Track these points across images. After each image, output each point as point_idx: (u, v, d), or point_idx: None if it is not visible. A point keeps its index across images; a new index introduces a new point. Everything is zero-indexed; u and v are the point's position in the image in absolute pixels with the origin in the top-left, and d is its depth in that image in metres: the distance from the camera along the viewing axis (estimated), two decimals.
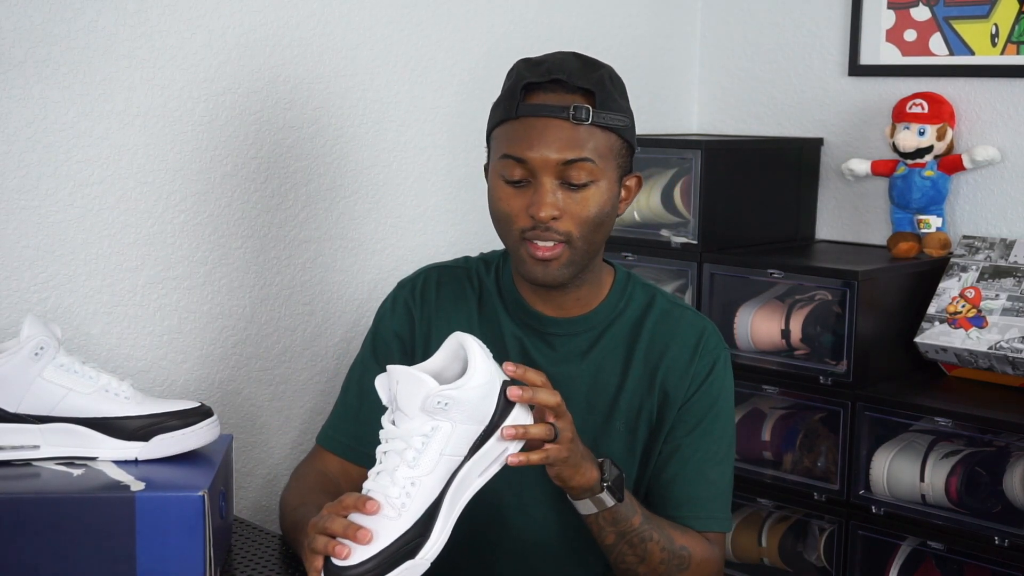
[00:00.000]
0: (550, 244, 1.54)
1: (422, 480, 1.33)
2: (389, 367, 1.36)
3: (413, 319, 1.71)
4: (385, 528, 1.32)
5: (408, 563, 1.32)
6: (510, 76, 1.59)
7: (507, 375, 1.39)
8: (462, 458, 1.36)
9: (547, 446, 1.39)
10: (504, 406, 1.38)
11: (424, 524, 1.34)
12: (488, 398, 1.36)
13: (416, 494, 1.33)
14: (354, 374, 1.75)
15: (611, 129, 1.55)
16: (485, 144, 1.65)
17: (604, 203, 1.55)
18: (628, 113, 1.58)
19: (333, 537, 1.31)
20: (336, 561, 1.30)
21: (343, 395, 1.76)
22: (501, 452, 1.38)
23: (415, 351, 1.70)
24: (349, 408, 1.73)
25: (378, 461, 1.36)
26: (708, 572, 1.62)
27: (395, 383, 1.35)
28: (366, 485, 1.35)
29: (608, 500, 1.47)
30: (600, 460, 1.48)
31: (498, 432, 1.37)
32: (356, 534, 1.30)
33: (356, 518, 1.32)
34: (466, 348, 1.38)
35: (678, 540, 1.58)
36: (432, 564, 1.71)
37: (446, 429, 1.34)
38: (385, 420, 1.37)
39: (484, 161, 1.68)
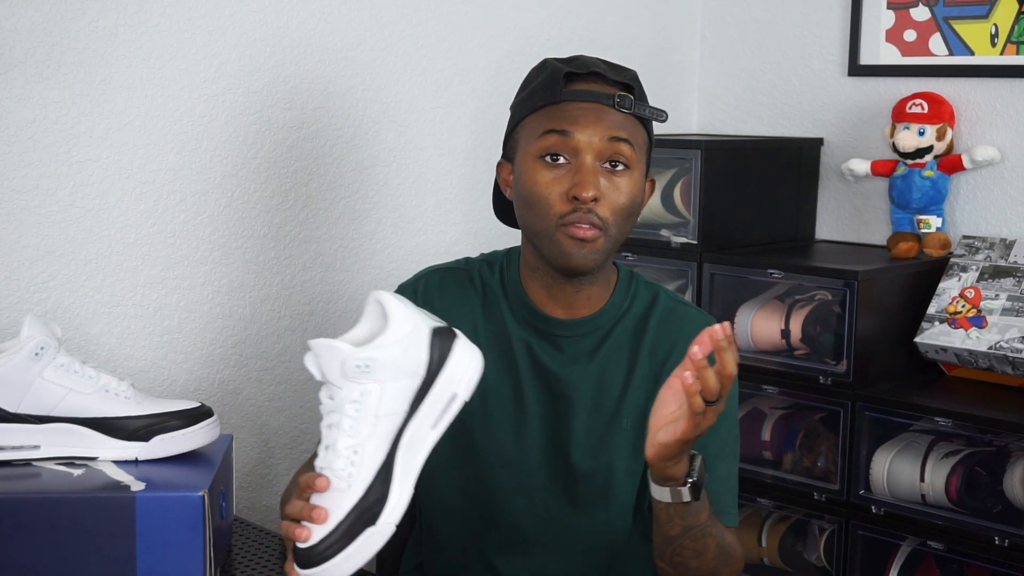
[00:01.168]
0: (587, 228, 1.53)
1: (363, 446, 1.31)
2: (310, 341, 1.33)
3: None
4: (337, 502, 1.30)
5: (369, 530, 1.30)
6: (541, 70, 1.60)
7: (715, 335, 1.30)
8: (404, 415, 1.33)
9: (708, 408, 1.33)
10: (440, 353, 1.34)
11: (379, 489, 1.31)
12: (414, 349, 1.32)
13: (361, 461, 1.31)
14: None
15: (644, 124, 1.59)
16: (503, 141, 1.64)
17: (636, 193, 1.57)
18: (661, 109, 1.62)
19: (296, 521, 1.31)
20: (299, 545, 1.30)
21: None
22: (450, 399, 1.34)
23: None
24: None
25: (322, 437, 1.35)
26: (740, 568, 1.62)
27: (318, 357, 1.33)
28: (315, 463, 1.34)
29: (686, 495, 1.43)
30: (693, 453, 1.44)
31: (443, 378, 1.34)
32: (311, 514, 1.30)
33: (314, 498, 1.32)
34: (383, 304, 1.35)
35: (727, 536, 1.58)
36: (433, 560, 1.71)
37: (375, 390, 1.31)
38: (322, 395, 1.36)
39: (490, 159, 1.67)
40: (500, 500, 1.63)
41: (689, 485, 1.42)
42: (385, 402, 1.31)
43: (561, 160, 1.54)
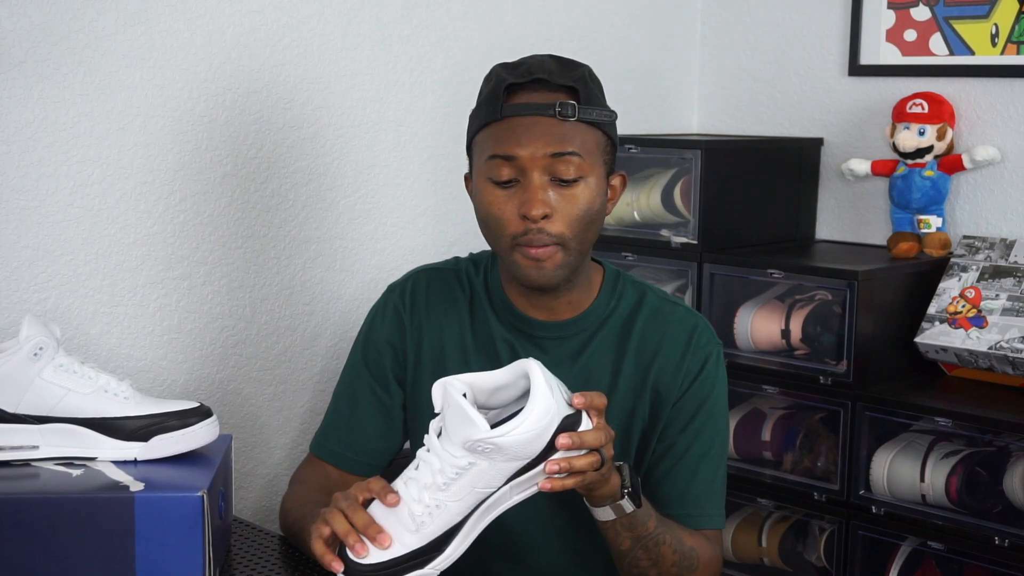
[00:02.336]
0: (541, 247, 1.52)
1: (448, 505, 1.33)
2: (445, 383, 1.33)
3: (403, 325, 1.70)
4: (402, 538, 1.33)
5: (417, 572, 1.34)
6: (488, 81, 1.58)
7: (574, 407, 1.35)
8: (495, 489, 1.34)
9: (589, 473, 1.36)
10: (552, 443, 1.33)
11: (441, 542, 1.34)
12: (538, 441, 1.32)
13: (439, 516, 1.33)
14: (345, 380, 1.74)
15: (596, 126, 1.54)
16: (466, 154, 1.63)
17: (593, 200, 1.53)
18: (610, 110, 1.57)
19: (352, 528, 1.34)
20: (351, 555, 1.33)
21: (335, 402, 1.75)
22: (534, 474, 1.35)
23: (407, 357, 1.69)
24: (340, 415, 1.72)
25: (415, 463, 1.36)
26: (714, 571, 1.61)
27: (446, 406, 1.33)
28: (397, 484, 1.36)
29: (628, 506, 1.45)
30: (619, 465, 1.45)
31: (541, 465, 1.34)
32: (376, 536, 1.32)
33: (376, 509, 1.35)
34: (531, 380, 1.33)
35: (687, 541, 1.57)
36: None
37: (483, 467, 1.31)
38: (433, 425, 1.36)
39: (465, 171, 1.65)
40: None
41: (626, 496, 1.44)
42: (486, 478, 1.33)
43: (510, 180, 1.52)
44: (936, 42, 2.62)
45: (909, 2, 2.65)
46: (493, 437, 1.29)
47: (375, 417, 1.70)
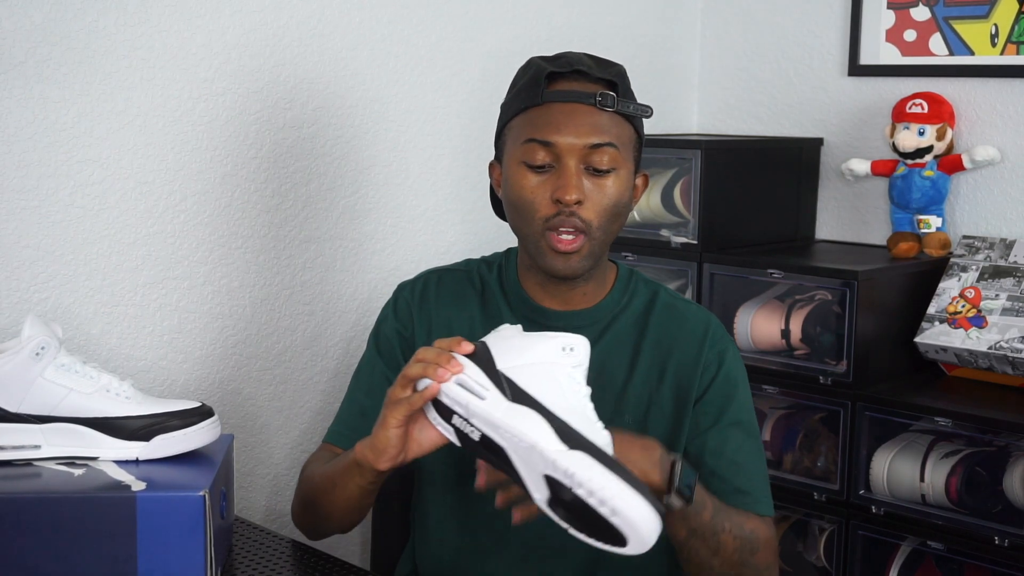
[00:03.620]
0: (571, 237, 1.54)
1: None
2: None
3: (412, 317, 1.71)
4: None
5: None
6: (527, 70, 1.60)
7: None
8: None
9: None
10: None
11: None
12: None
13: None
14: (362, 371, 1.74)
15: (630, 121, 1.58)
16: (494, 142, 1.65)
17: (623, 192, 1.57)
18: (647, 105, 1.61)
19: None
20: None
21: (350, 393, 1.74)
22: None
23: (416, 348, 1.68)
24: (355, 404, 1.72)
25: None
26: (772, 552, 1.60)
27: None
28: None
29: (675, 503, 1.42)
30: (672, 459, 1.43)
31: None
32: (448, 362, 1.35)
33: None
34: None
35: (747, 525, 1.56)
36: (427, 566, 1.69)
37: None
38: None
39: (489, 159, 1.67)
40: (494, 503, 1.61)
41: (674, 493, 1.41)
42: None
43: (545, 165, 1.55)
44: (936, 42, 2.62)
45: (909, 2, 2.65)
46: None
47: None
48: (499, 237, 1.96)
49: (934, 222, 2.54)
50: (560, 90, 1.55)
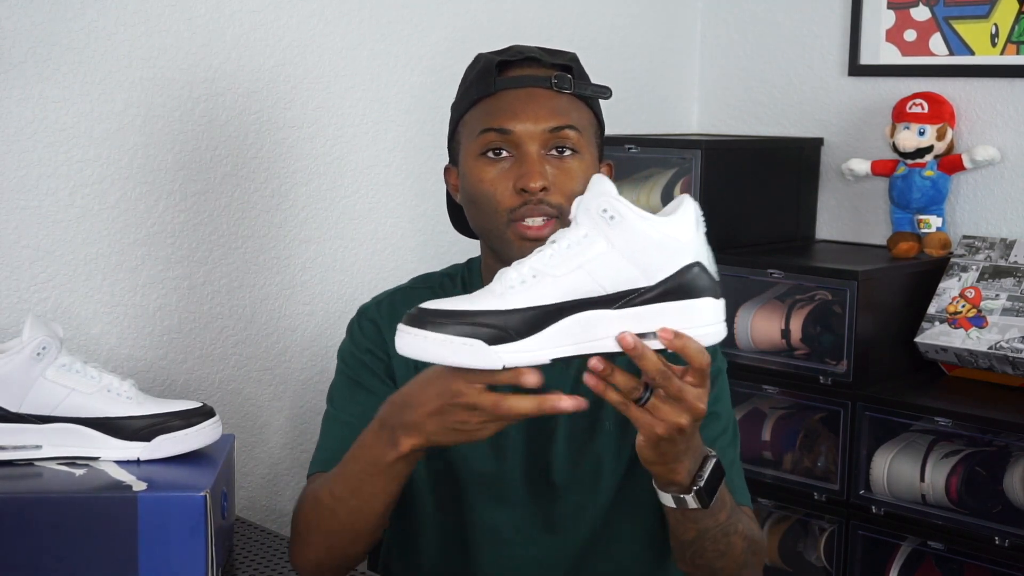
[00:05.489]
0: (540, 221, 1.43)
1: (545, 275, 1.16)
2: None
3: (380, 329, 1.57)
4: (484, 301, 1.16)
5: (475, 342, 1.15)
6: (475, 64, 1.53)
7: (626, 343, 1.16)
8: (603, 292, 1.16)
9: (632, 407, 1.21)
10: (678, 282, 1.16)
11: (524, 325, 1.15)
12: (665, 253, 1.16)
13: (532, 287, 1.16)
14: (335, 397, 1.59)
15: (588, 105, 1.50)
16: (448, 145, 1.56)
17: (588, 177, 1.41)
18: (605, 86, 1.51)
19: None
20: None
21: (331, 420, 1.57)
22: (642, 334, 1.16)
23: (390, 363, 1.56)
24: (337, 427, 1.55)
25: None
26: (764, 548, 1.52)
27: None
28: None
29: (691, 503, 1.31)
30: (706, 455, 1.31)
31: (662, 308, 1.15)
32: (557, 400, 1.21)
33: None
34: (682, 203, 1.21)
35: (753, 527, 1.47)
36: (411, 567, 1.62)
37: (599, 250, 1.15)
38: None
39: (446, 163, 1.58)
40: (478, 510, 1.55)
41: (694, 492, 1.30)
42: (598, 264, 1.16)
43: (504, 154, 1.45)
44: (936, 42, 2.62)
45: (909, 2, 2.65)
46: (620, 203, 1.15)
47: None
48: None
49: (934, 222, 2.54)
50: (513, 76, 1.47)
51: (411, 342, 1.17)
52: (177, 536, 1.41)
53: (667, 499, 1.33)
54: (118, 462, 1.51)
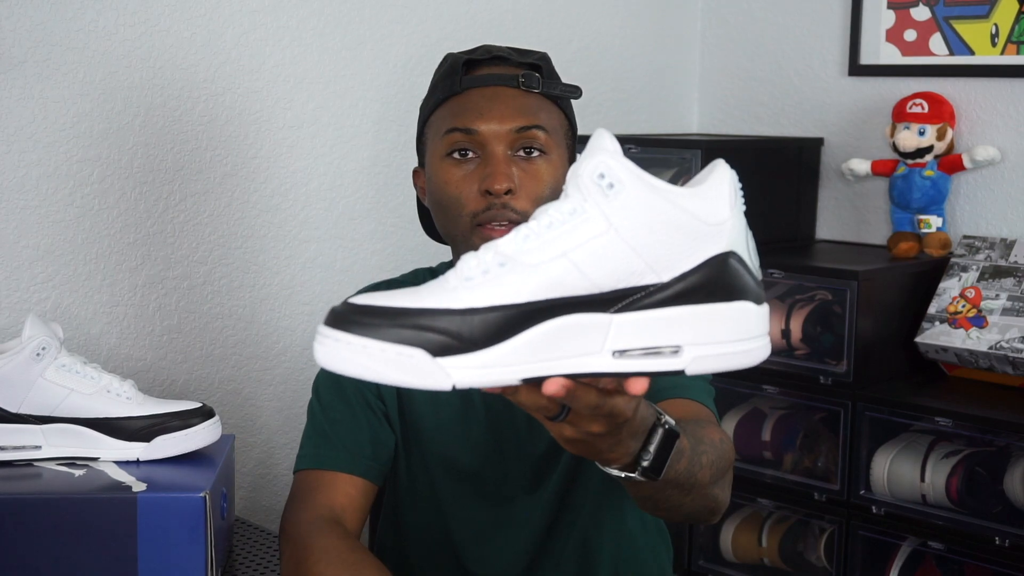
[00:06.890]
0: (505, 226, 1.37)
1: (517, 264, 0.86)
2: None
3: None
4: (433, 296, 0.86)
5: (416, 351, 0.84)
6: (442, 64, 1.50)
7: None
8: (595, 290, 0.86)
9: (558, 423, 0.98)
10: (705, 279, 0.88)
11: (485, 332, 0.84)
12: (687, 238, 0.88)
13: (496, 279, 0.86)
14: (323, 389, 1.54)
15: (559, 105, 1.46)
16: (416, 147, 1.54)
17: (558, 179, 1.42)
18: (575, 86, 1.47)
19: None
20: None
21: (313, 419, 1.53)
22: (660, 348, 0.87)
23: None
24: (335, 423, 1.50)
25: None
26: (730, 456, 1.31)
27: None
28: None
29: (638, 479, 1.08)
30: (655, 424, 1.06)
31: (673, 314, 0.87)
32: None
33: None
34: (714, 168, 0.95)
35: (715, 437, 1.26)
36: (402, 561, 1.61)
37: (592, 227, 0.86)
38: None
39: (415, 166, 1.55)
40: (459, 506, 1.53)
41: (640, 470, 1.06)
42: (587, 248, 0.86)
43: (470, 155, 1.41)
44: (936, 42, 2.62)
45: (909, 2, 2.65)
46: (620, 161, 0.87)
47: (367, 411, 1.53)
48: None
49: (934, 222, 2.54)
50: (480, 75, 1.43)
51: (332, 351, 0.86)
52: (176, 537, 1.40)
53: (613, 473, 1.09)
54: (117, 462, 1.51)
